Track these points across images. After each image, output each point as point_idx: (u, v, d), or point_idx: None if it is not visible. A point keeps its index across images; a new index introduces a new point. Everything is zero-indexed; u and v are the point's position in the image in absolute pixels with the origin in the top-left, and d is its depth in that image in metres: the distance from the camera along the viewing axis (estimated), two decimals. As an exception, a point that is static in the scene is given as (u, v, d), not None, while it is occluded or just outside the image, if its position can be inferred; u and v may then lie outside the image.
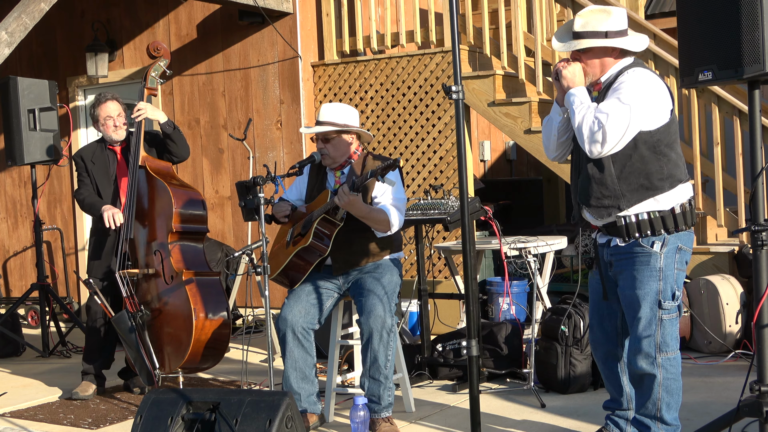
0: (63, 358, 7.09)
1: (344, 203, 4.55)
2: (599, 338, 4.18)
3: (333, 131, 4.79)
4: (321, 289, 4.82)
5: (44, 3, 6.18)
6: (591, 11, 3.95)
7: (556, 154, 4.17)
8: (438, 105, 7.45)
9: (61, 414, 5.43)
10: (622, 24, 3.93)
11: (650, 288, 3.87)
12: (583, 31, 3.91)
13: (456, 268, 6.84)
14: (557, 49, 4.11)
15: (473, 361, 3.80)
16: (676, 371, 3.93)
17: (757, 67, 3.54)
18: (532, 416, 4.88)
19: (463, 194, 3.87)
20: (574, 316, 5.29)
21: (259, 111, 8.01)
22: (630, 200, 3.88)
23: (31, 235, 9.16)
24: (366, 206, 4.65)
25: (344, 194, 4.53)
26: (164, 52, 5.64)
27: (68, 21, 8.99)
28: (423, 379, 5.71)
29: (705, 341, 6.12)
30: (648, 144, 3.85)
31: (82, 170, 5.79)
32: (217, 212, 8.26)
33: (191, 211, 5.39)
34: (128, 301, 5.36)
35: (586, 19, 3.92)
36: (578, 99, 3.87)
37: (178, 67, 8.28)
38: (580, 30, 3.92)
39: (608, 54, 3.94)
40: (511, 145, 10.22)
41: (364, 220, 4.67)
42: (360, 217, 4.65)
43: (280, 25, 7.83)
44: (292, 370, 4.75)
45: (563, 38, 4.00)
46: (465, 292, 3.89)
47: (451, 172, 7.39)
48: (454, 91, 3.74)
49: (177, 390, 4.16)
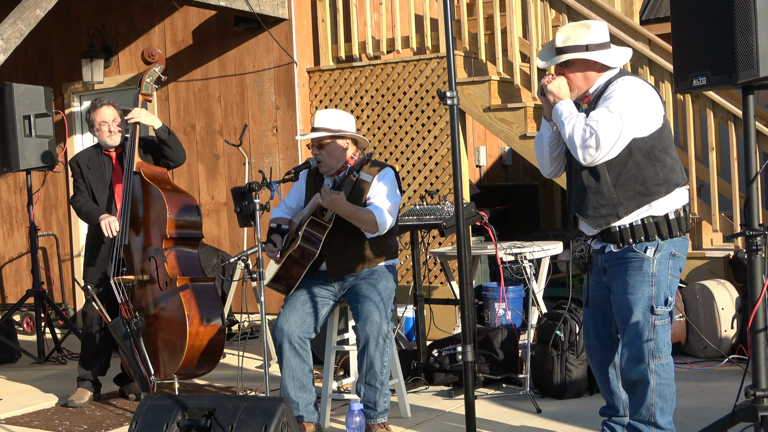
0: (58, 365, 7.08)
1: (327, 202, 4.56)
2: (594, 344, 4.18)
3: (327, 137, 4.79)
4: (317, 297, 4.82)
5: (40, 9, 6.18)
6: (571, 27, 4.00)
7: (550, 169, 4.19)
8: (433, 110, 7.46)
9: (56, 420, 5.42)
10: (603, 37, 3.96)
11: (642, 293, 3.87)
12: (564, 46, 3.96)
13: (452, 274, 6.84)
14: (540, 67, 4.15)
15: (469, 366, 3.79)
16: (669, 377, 3.93)
17: (751, 72, 3.55)
18: (528, 422, 4.88)
19: (458, 199, 3.87)
20: (569, 322, 5.29)
21: (255, 117, 8.01)
22: (628, 207, 3.88)
23: (26, 241, 9.15)
24: (350, 205, 4.65)
25: (326, 193, 4.55)
26: (159, 58, 5.64)
27: (64, 27, 8.99)
28: (419, 384, 5.71)
29: (700, 346, 6.12)
30: (642, 150, 3.86)
31: (77, 176, 5.79)
32: (213, 218, 8.26)
33: (186, 217, 5.39)
34: (123, 307, 5.36)
35: (566, 34, 3.97)
36: (566, 111, 3.89)
37: (173, 73, 8.28)
38: (562, 45, 3.97)
39: (590, 67, 3.96)
40: (507, 151, 10.23)
41: (350, 220, 4.66)
42: (345, 216, 4.65)
43: (276, 31, 7.84)
44: (289, 380, 4.74)
45: (546, 57, 4.06)
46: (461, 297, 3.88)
47: (447, 178, 7.40)
48: (449, 97, 3.74)
49: (172, 396, 4.16)
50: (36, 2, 6.16)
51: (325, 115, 4.83)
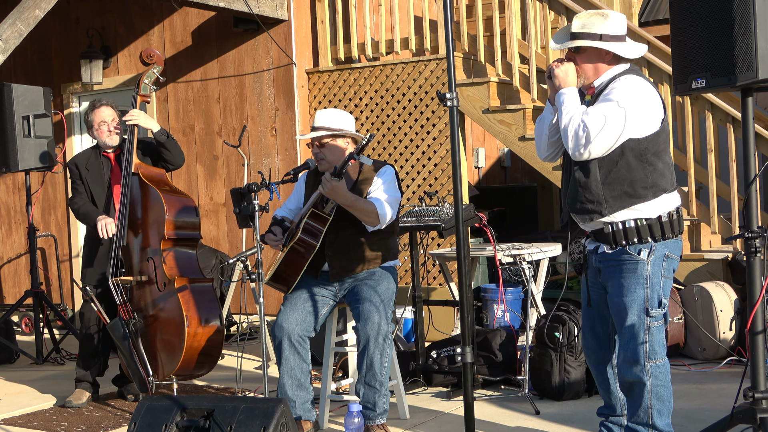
0: (57, 365, 7.07)
1: (328, 189, 4.56)
2: (591, 345, 4.18)
3: (327, 135, 4.81)
4: (317, 296, 4.82)
5: (39, 10, 6.18)
6: (589, 14, 3.94)
7: (547, 153, 4.15)
8: (432, 112, 7.46)
9: (55, 421, 5.41)
10: (620, 29, 3.91)
11: (637, 295, 3.87)
12: (579, 32, 3.91)
13: (450, 275, 6.84)
14: (553, 49, 4.10)
15: (467, 368, 3.80)
16: (665, 378, 3.92)
17: (750, 74, 3.55)
18: (527, 423, 4.88)
19: (457, 201, 3.88)
20: (568, 323, 5.29)
21: (254, 118, 8.01)
22: (612, 206, 3.87)
23: (25, 241, 9.14)
24: (351, 194, 4.65)
25: (327, 181, 4.56)
26: (157, 59, 5.64)
27: (63, 28, 8.99)
28: (417, 386, 5.71)
29: (699, 348, 6.12)
30: (635, 152, 3.84)
31: (76, 177, 5.78)
32: (212, 219, 8.25)
33: (184, 218, 5.39)
34: (122, 308, 5.36)
35: (583, 20, 3.92)
36: (568, 100, 3.85)
37: (172, 74, 8.28)
38: (577, 31, 3.91)
39: (602, 58, 3.92)
40: (506, 152, 10.23)
41: (350, 210, 4.66)
42: (346, 205, 4.64)
43: (275, 32, 7.84)
44: (287, 378, 4.74)
45: (561, 40, 4.00)
46: (459, 298, 3.89)
47: (446, 179, 7.40)
48: (449, 98, 3.75)
49: (171, 397, 4.16)
50: (35, 3, 6.16)
51: (325, 115, 4.85)
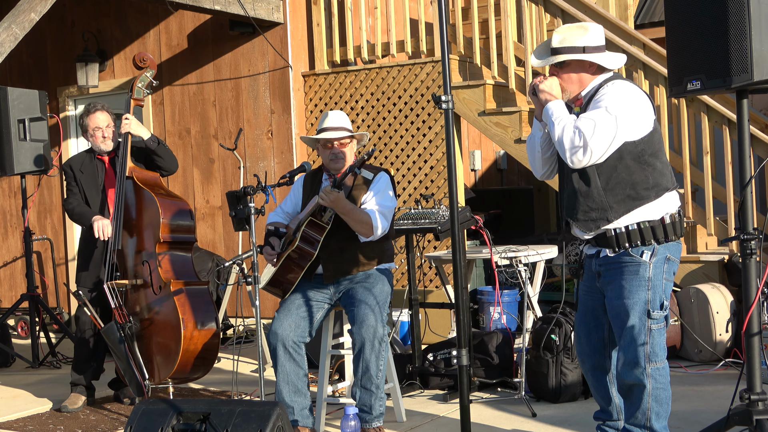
0: (53, 369, 7.06)
1: (330, 200, 4.58)
2: (586, 350, 4.17)
3: (348, 136, 4.91)
4: (311, 301, 4.81)
5: (34, 13, 6.17)
6: (568, 27, 4.00)
7: (543, 171, 4.17)
8: (428, 114, 7.46)
9: (51, 425, 5.40)
10: (600, 40, 3.97)
11: (639, 298, 3.87)
12: (560, 46, 3.95)
13: (447, 278, 6.84)
14: (535, 66, 4.13)
15: (464, 370, 3.79)
16: (665, 380, 3.93)
17: (745, 76, 3.56)
18: (523, 426, 4.88)
19: (453, 203, 3.88)
20: (564, 326, 5.29)
21: (250, 121, 8.00)
22: (618, 211, 3.88)
23: (21, 245, 9.12)
24: (350, 204, 4.70)
25: (328, 192, 4.59)
26: (150, 63, 5.64)
27: (59, 31, 8.98)
28: (414, 388, 5.70)
29: (695, 350, 6.13)
30: (633, 154, 3.86)
31: (71, 180, 5.78)
32: (208, 222, 8.25)
33: (179, 221, 5.38)
34: (117, 312, 5.35)
35: (563, 35, 3.96)
36: (556, 111, 3.87)
37: (168, 77, 8.28)
38: (558, 46, 3.96)
39: (585, 69, 3.96)
40: (502, 155, 10.24)
41: (347, 219, 4.68)
42: (344, 214, 4.67)
43: (271, 35, 7.84)
44: (284, 384, 4.74)
45: (541, 56, 4.04)
46: (456, 301, 3.88)
47: (442, 182, 7.40)
48: (444, 101, 3.75)
49: (167, 400, 4.15)
50: (31, 6, 6.16)
51: (339, 116, 4.96)
